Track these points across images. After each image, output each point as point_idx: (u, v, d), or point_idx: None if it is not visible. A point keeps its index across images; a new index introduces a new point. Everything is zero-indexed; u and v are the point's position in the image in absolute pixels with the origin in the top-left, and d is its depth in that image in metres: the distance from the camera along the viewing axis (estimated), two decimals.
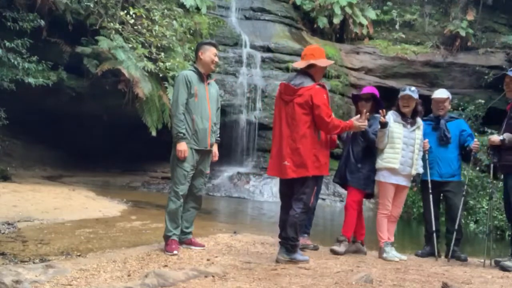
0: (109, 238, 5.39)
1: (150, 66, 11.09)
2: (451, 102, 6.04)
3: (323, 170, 4.37)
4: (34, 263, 3.86)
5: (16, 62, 9.41)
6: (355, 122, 4.49)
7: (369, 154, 5.10)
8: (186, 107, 4.54)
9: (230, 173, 13.54)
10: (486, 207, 9.64)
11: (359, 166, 5.06)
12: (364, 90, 5.29)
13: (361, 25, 17.47)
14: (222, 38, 15.22)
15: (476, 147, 5.29)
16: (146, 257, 4.23)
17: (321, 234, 6.95)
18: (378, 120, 4.95)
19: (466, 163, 6.00)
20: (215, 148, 4.86)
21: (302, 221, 4.38)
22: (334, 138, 4.80)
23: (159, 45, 11.61)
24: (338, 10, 16.82)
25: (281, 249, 4.36)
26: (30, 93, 10.47)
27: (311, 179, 4.31)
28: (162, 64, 11.42)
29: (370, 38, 17.81)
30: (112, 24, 10.79)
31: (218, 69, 13.93)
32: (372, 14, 17.66)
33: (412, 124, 5.11)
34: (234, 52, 15.13)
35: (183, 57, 12.26)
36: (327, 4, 16.91)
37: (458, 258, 5.22)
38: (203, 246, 4.83)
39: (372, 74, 16.82)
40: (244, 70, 14.86)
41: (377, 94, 5.21)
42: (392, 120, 5.04)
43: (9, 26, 9.44)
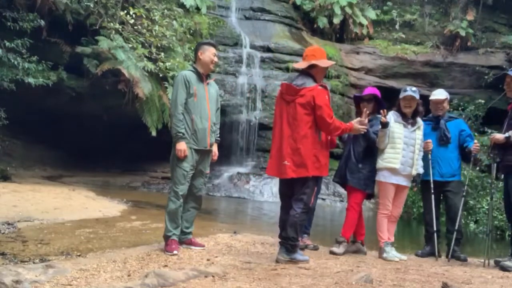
0: (109, 238, 5.39)
1: (150, 66, 11.09)
2: (451, 102, 6.04)
3: (323, 171, 4.37)
4: (34, 263, 3.86)
5: (16, 62, 9.41)
6: (355, 125, 4.50)
7: (370, 154, 5.09)
8: (185, 107, 4.54)
9: (230, 173, 13.54)
10: (486, 207, 9.65)
11: (360, 166, 5.06)
12: (365, 91, 5.30)
13: (361, 25, 17.47)
14: (222, 38, 15.22)
15: (476, 149, 5.29)
16: (146, 257, 4.23)
17: (321, 234, 6.95)
18: (379, 120, 4.95)
19: (465, 163, 6.00)
20: (215, 147, 4.86)
21: (302, 221, 4.39)
22: (333, 138, 4.79)
23: (159, 45, 11.61)
24: (338, 10, 16.82)
25: (281, 249, 4.36)
26: (30, 93, 10.47)
27: (311, 179, 4.31)
28: (162, 64, 11.42)
29: (370, 38, 17.81)
30: (112, 24, 10.79)
31: (218, 69, 13.94)
32: (372, 14, 17.66)
33: (412, 124, 5.11)
34: (234, 52, 15.13)
35: (183, 57, 12.26)
36: (327, 4, 16.91)
37: (458, 258, 5.22)
38: (203, 246, 4.83)
39: (372, 74, 16.82)
40: (244, 70, 14.86)
41: (378, 94, 5.21)
42: (393, 120, 5.04)
43: (9, 26, 9.44)
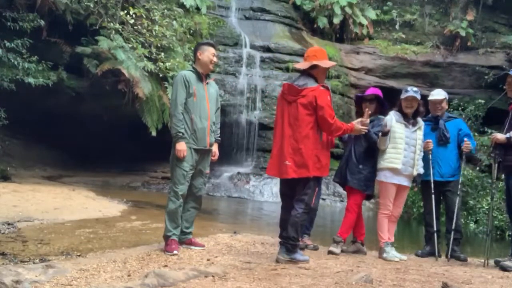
0: (109, 238, 5.39)
1: (150, 66, 11.09)
2: (451, 102, 6.05)
3: (324, 171, 4.38)
4: (34, 263, 3.86)
5: (16, 62, 9.42)
6: (356, 125, 4.51)
7: (370, 155, 5.09)
8: (185, 107, 4.54)
9: (230, 173, 13.54)
10: (486, 207, 9.65)
11: (361, 167, 5.06)
12: (368, 91, 5.30)
13: (361, 25, 17.48)
14: (222, 38, 15.23)
15: (467, 148, 5.29)
16: (146, 257, 4.23)
17: (321, 234, 6.95)
18: (381, 121, 4.96)
19: (466, 163, 6.00)
20: (215, 147, 4.86)
21: (303, 221, 4.39)
22: (332, 138, 4.80)
23: (159, 45, 11.61)
24: (338, 10, 16.83)
25: (281, 248, 4.36)
26: (30, 93, 10.47)
27: (312, 180, 4.31)
28: (162, 64, 11.43)
29: (370, 38, 17.82)
30: (112, 24, 10.79)
31: (218, 69, 13.94)
32: (372, 14, 17.67)
33: (413, 124, 5.11)
34: (234, 52, 15.13)
35: (183, 57, 12.26)
36: (327, 4, 16.91)
37: (458, 258, 5.22)
38: (203, 246, 4.83)
39: (372, 74, 16.83)
40: (244, 70, 14.86)
41: (381, 95, 5.21)
42: (394, 120, 5.02)
43: (9, 26, 9.44)
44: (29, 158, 12.87)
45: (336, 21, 17.00)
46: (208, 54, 4.68)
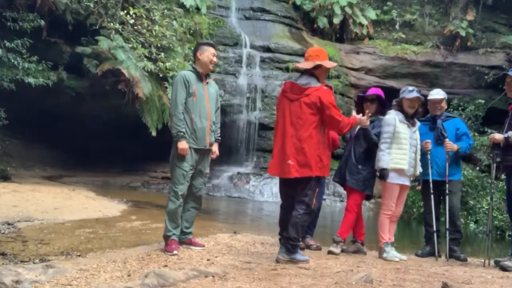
0: (109, 238, 5.39)
1: (150, 66, 11.10)
2: (451, 102, 6.04)
3: (325, 172, 4.38)
4: (34, 263, 3.86)
5: (16, 62, 9.42)
6: (358, 116, 4.58)
7: (370, 156, 5.08)
8: (185, 107, 4.54)
9: (230, 173, 13.55)
10: (486, 207, 9.65)
11: (360, 167, 5.05)
12: (369, 91, 5.30)
13: (361, 25, 17.48)
14: (222, 38, 15.23)
15: (449, 147, 5.27)
16: (146, 257, 4.23)
17: (321, 234, 6.94)
18: (381, 121, 4.97)
19: (464, 163, 6.00)
20: (215, 147, 4.86)
21: (304, 222, 4.37)
22: (336, 139, 4.84)
23: (159, 45, 11.62)
24: (338, 10, 16.83)
25: (281, 248, 4.36)
26: (30, 93, 10.48)
27: (314, 180, 4.31)
28: (162, 64, 11.43)
29: (370, 38, 17.82)
30: (112, 24, 10.79)
31: (218, 69, 13.94)
32: (372, 14, 17.67)
33: (413, 124, 5.10)
34: (234, 52, 15.14)
35: (183, 57, 12.27)
36: (327, 4, 16.91)
37: (457, 258, 5.22)
38: (203, 246, 4.83)
39: (372, 74, 16.83)
40: (244, 70, 14.87)
41: (382, 95, 5.22)
42: (397, 120, 4.97)
43: (9, 26, 9.45)
44: (29, 158, 12.87)
45: (336, 21, 17.00)
46: (208, 54, 4.68)
